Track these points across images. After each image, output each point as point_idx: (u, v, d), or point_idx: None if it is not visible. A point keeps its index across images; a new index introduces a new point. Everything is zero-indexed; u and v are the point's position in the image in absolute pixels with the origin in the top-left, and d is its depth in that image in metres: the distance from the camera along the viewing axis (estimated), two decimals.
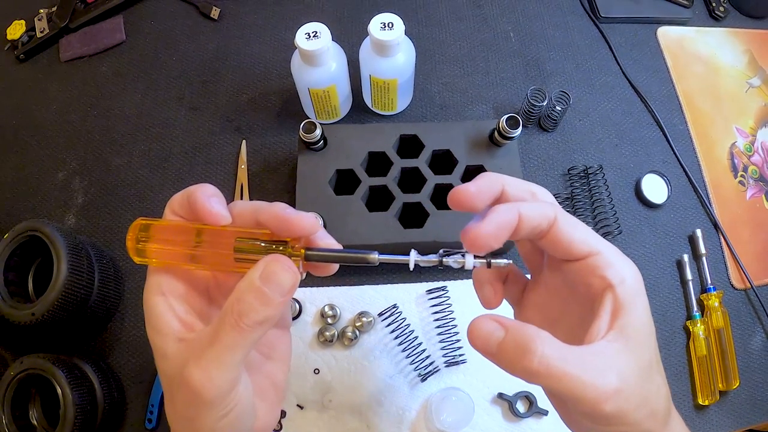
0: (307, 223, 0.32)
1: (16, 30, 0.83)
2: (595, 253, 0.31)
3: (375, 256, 0.32)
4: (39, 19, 0.83)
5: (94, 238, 0.70)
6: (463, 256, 0.32)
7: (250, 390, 0.32)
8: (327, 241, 0.34)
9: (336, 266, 0.35)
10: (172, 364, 0.31)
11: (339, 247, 0.34)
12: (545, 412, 0.62)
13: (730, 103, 0.81)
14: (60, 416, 0.55)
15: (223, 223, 0.32)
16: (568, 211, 0.70)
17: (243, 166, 0.73)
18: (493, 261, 0.32)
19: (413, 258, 0.32)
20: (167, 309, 0.32)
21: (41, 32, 0.82)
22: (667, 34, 0.85)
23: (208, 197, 0.32)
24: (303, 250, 0.32)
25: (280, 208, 0.32)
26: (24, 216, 0.72)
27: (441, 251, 0.33)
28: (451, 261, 0.32)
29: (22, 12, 0.84)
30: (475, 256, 0.32)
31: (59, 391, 0.55)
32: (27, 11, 0.84)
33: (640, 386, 0.30)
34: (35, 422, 0.59)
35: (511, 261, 0.33)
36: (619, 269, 0.31)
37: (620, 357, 0.30)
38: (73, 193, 0.73)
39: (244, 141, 0.75)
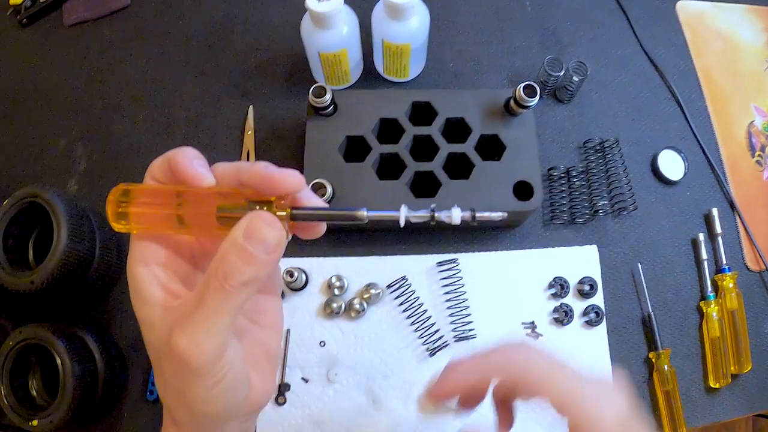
0: (292, 180, 0.30)
1: None
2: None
3: (363, 213, 0.30)
4: None
5: (96, 204, 0.69)
6: (450, 210, 0.31)
7: (240, 357, 0.31)
8: (313, 201, 0.33)
9: (323, 228, 0.34)
10: (158, 334, 0.30)
11: (325, 206, 0.33)
12: None
13: (748, 81, 0.79)
14: (60, 387, 0.54)
15: (207, 184, 0.31)
16: (582, 184, 0.69)
17: (249, 132, 0.72)
18: (478, 214, 0.31)
19: (404, 213, 0.30)
20: (151, 278, 0.31)
21: None
22: (686, 8, 0.83)
23: (189, 159, 0.31)
24: (288, 209, 0.30)
25: (263, 166, 0.31)
26: (25, 183, 0.70)
27: (431, 206, 0.31)
28: (443, 216, 0.30)
29: None
30: (462, 209, 0.31)
31: (59, 361, 0.55)
32: None
33: None
34: (35, 393, 0.59)
35: (504, 214, 0.31)
36: None
37: None
38: (75, 159, 0.72)
39: (251, 107, 0.73)
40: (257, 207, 0.30)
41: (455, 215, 0.30)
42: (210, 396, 0.29)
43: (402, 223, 0.31)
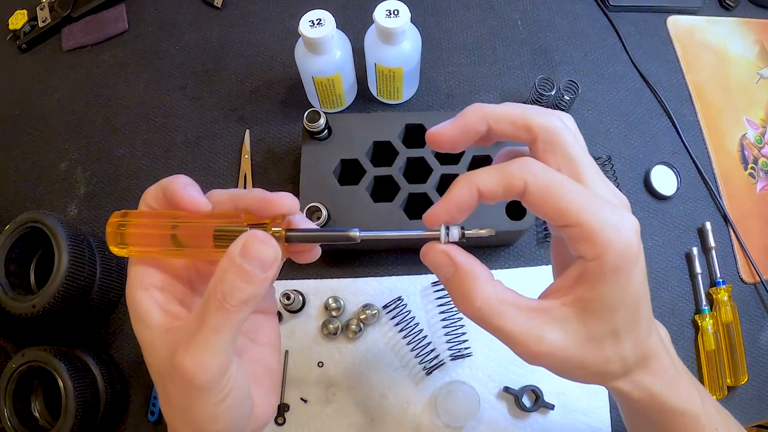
0: (287, 201, 0.32)
1: (18, 20, 0.82)
2: (573, 225, 0.29)
3: (356, 233, 0.32)
4: (41, 9, 0.82)
5: (96, 228, 0.70)
6: (447, 228, 0.32)
7: (244, 374, 0.32)
8: (307, 225, 0.34)
9: (318, 252, 0.35)
10: (160, 355, 0.31)
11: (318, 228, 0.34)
12: (551, 407, 0.62)
13: (740, 94, 0.80)
14: (62, 408, 0.55)
15: (203, 210, 0.32)
16: None
17: (246, 156, 0.72)
18: (467, 232, 0.32)
19: (393, 233, 0.32)
20: (151, 302, 0.32)
21: (43, 22, 0.81)
22: (677, 23, 0.84)
23: (183, 186, 0.32)
24: (283, 231, 0.31)
25: (259, 191, 0.32)
26: (26, 207, 0.72)
27: (443, 225, 0.32)
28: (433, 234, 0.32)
29: (24, 1, 0.84)
30: (448, 227, 0.32)
31: (61, 383, 0.55)
32: (29, 0, 0.83)
33: (582, 355, 0.30)
34: (37, 415, 0.59)
35: (492, 230, 0.32)
36: (598, 244, 0.28)
37: (565, 323, 0.30)
38: (75, 183, 0.73)
39: (247, 130, 0.74)
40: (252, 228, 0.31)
41: (449, 234, 0.32)
42: (217, 413, 0.30)
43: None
